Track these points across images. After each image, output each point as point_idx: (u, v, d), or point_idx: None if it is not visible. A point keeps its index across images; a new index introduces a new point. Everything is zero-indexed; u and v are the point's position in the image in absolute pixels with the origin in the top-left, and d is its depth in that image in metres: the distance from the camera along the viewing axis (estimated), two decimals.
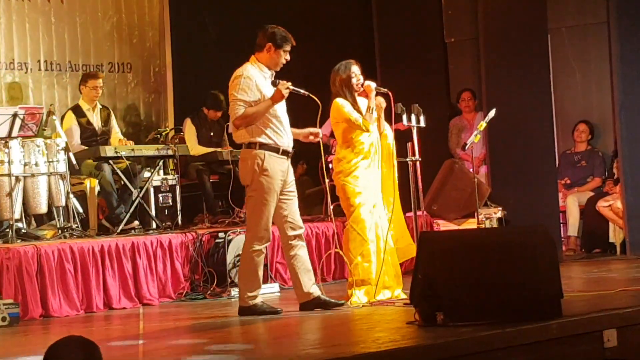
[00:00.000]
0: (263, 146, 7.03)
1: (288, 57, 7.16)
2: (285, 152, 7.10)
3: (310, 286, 7.20)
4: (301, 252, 7.22)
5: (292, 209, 7.21)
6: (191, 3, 11.33)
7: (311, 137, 7.36)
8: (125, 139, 9.61)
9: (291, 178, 7.21)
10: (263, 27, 7.19)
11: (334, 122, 7.61)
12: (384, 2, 11.21)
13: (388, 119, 7.76)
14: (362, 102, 7.60)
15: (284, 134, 7.12)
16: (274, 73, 7.18)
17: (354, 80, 7.56)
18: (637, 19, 9.99)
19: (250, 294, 7.06)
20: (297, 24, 11.80)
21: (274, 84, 7.07)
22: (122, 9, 11.04)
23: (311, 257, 9.26)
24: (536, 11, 10.30)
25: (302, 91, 7.16)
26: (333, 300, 7.23)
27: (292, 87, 7.08)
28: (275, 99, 7.02)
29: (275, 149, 7.06)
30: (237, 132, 7.14)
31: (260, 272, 7.13)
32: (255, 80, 7.04)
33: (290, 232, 7.18)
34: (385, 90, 7.56)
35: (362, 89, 7.57)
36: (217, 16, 11.32)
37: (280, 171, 7.08)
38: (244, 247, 7.15)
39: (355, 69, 7.59)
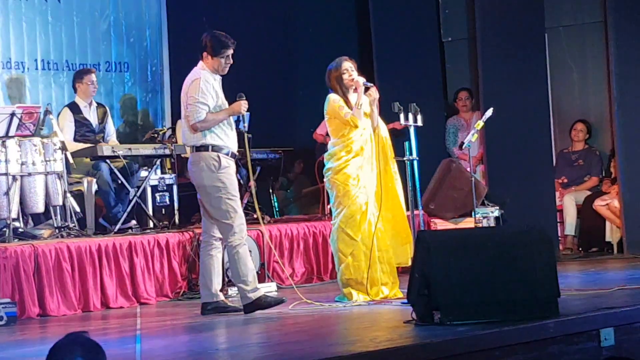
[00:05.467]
0: (215, 148, 7.07)
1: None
2: (233, 155, 7.17)
3: (219, 289, 7.25)
4: (220, 255, 7.26)
5: None
6: (188, 2, 11.32)
7: None
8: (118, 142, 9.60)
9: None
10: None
11: (327, 117, 7.62)
12: (381, 1, 11.21)
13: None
14: (364, 98, 7.60)
15: (232, 136, 7.19)
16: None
17: (345, 76, 7.58)
18: (633, 18, 9.99)
19: (249, 288, 7.03)
20: (295, 23, 11.81)
21: (240, 97, 7.15)
22: (119, 8, 11.02)
23: (308, 256, 9.32)
24: (533, 10, 10.31)
25: (246, 123, 7.23)
26: (232, 306, 7.23)
27: (245, 111, 7.18)
28: (235, 111, 7.13)
29: (225, 151, 7.10)
30: (188, 135, 7.12)
31: (250, 263, 7.13)
32: (213, 84, 7.13)
33: (217, 234, 7.19)
34: (370, 84, 7.59)
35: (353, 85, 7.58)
36: (214, 15, 11.31)
37: (233, 170, 7.14)
38: (227, 246, 7.13)
39: (348, 65, 7.60)
